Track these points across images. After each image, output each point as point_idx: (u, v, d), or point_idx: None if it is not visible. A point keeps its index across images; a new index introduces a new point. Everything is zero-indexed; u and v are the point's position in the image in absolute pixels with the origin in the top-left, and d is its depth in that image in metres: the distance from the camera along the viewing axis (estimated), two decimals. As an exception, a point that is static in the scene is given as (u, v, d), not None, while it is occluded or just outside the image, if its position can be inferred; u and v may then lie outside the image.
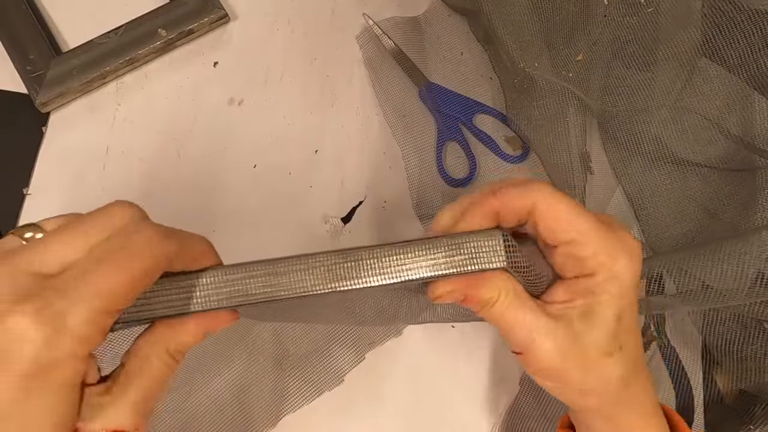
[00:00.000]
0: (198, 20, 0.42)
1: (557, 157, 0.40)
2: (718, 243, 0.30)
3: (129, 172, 0.40)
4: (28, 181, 0.39)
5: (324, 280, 0.23)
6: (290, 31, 0.45)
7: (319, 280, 0.24)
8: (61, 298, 0.17)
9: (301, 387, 0.37)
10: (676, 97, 0.38)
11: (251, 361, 0.37)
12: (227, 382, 0.36)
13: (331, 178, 0.42)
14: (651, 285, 0.39)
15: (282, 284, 0.23)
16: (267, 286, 0.23)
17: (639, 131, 0.40)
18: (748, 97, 0.36)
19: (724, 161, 0.38)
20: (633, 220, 0.42)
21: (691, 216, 0.39)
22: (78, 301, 0.17)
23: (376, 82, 0.44)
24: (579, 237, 0.21)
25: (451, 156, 0.43)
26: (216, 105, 0.42)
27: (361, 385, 0.37)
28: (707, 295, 0.31)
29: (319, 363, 0.38)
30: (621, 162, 0.42)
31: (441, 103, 0.43)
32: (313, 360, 0.38)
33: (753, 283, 0.29)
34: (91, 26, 0.41)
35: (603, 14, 0.39)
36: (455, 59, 0.45)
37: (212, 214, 0.40)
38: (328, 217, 0.41)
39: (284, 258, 0.24)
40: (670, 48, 0.37)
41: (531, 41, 0.40)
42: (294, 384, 0.37)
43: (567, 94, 0.40)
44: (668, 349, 0.39)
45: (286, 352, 0.38)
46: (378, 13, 0.45)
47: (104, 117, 0.41)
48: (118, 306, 0.18)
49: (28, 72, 0.40)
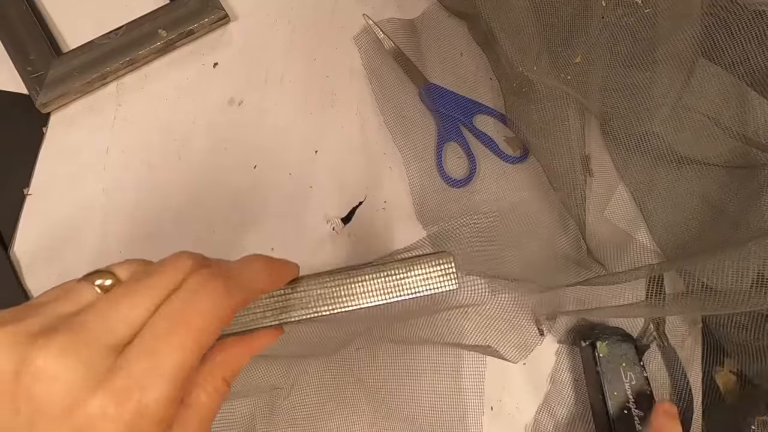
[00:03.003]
0: (198, 21, 0.42)
1: (557, 160, 0.40)
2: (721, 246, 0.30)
3: (129, 172, 0.40)
4: (29, 181, 0.39)
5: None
6: (290, 31, 0.45)
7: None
8: (137, 385, 0.17)
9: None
10: (676, 97, 0.38)
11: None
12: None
13: (331, 179, 0.42)
14: (651, 286, 0.39)
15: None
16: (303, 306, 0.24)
17: (640, 131, 0.41)
18: (745, 95, 0.36)
19: (727, 158, 0.38)
20: (639, 219, 0.42)
21: (695, 213, 0.39)
22: (154, 387, 0.17)
23: (375, 84, 0.44)
24: None
25: (451, 156, 0.43)
26: (216, 105, 0.42)
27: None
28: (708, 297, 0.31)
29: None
30: (623, 161, 0.43)
31: (441, 103, 0.43)
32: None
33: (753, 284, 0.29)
34: (91, 27, 0.41)
35: (601, 16, 0.39)
36: (455, 60, 0.45)
37: (212, 214, 0.40)
38: (328, 217, 0.41)
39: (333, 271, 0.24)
40: (669, 48, 0.37)
41: (529, 44, 0.40)
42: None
43: (566, 97, 0.40)
44: (668, 350, 0.39)
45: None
46: (378, 14, 0.45)
47: (104, 117, 0.41)
48: (189, 374, 0.18)
49: (29, 72, 0.40)
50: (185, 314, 0.18)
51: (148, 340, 0.18)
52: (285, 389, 0.37)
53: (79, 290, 0.19)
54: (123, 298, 0.18)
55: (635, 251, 0.41)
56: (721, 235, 0.37)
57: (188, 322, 0.18)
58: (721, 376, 0.39)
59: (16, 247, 0.38)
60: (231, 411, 0.36)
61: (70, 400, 0.16)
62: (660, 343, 0.39)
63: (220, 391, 0.21)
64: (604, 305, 0.39)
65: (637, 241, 0.42)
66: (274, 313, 0.23)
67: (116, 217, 0.39)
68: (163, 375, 0.17)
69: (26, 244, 0.38)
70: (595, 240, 0.40)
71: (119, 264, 0.21)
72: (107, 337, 0.17)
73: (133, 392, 0.17)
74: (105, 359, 0.17)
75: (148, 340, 0.18)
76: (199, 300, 0.19)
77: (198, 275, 0.19)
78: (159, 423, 0.17)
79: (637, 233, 0.42)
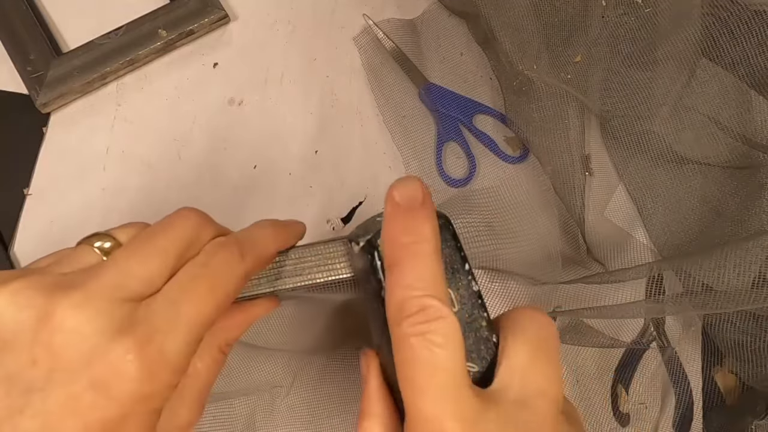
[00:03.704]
0: (198, 21, 0.42)
1: (557, 159, 0.41)
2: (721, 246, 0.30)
3: (129, 172, 0.40)
4: (29, 182, 0.39)
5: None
6: (290, 31, 0.45)
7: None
8: (159, 331, 0.17)
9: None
10: (677, 96, 0.38)
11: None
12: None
13: (331, 179, 0.42)
14: (650, 286, 0.39)
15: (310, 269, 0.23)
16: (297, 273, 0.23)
17: (640, 130, 0.41)
18: (745, 95, 0.36)
19: (727, 158, 0.38)
20: (637, 219, 0.42)
21: (694, 213, 0.39)
22: (174, 334, 0.17)
23: (375, 84, 0.44)
24: None
25: (450, 156, 0.43)
26: (216, 105, 0.42)
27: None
28: (708, 296, 0.31)
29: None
30: (623, 161, 0.43)
31: (440, 103, 0.43)
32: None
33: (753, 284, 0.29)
34: (91, 27, 0.41)
35: (601, 15, 0.39)
36: (455, 60, 0.45)
37: (212, 214, 0.40)
38: (328, 217, 0.41)
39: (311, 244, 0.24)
40: (670, 48, 0.37)
41: (529, 43, 0.40)
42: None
43: (566, 96, 0.40)
44: (668, 350, 0.39)
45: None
46: (378, 14, 0.45)
47: (104, 117, 0.41)
48: (204, 332, 0.19)
49: (29, 72, 0.40)
50: (205, 274, 0.19)
51: (172, 293, 0.18)
52: (285, 388, 0.37)
53: (79, 253, 0.19)
54: (131, 255, 0.19)
55: (635, 250, 0.41)
56: (720, 235, 0.37)
57: (207, 282, 0.19)
58: (720, 375, 0.39)
59: (16, 247, 0.38)
60: (231, 410, 0.36)
61: (89, 351, 0.16)
62: (660, 343, 0.39)
63: (217, 360, 0.22)
64: (604, 305, 0.39)
65: (637, 240, 0.42)
66: (269, 280, 0.23)
67: (116, 217, 0.39)
68: (184, 324, 0.18)
69: (26, 244, 0.38)
70: (594, 239, 0.40)
71: (118, 227, 0.21)
72: (122, 292, 0.17)
73: (154, 338, 0.17)
74: (122, 311, 0.17)
75: (172, 293, 0.18)
76: (216, 263, 0.19)
77: (214, 242, 0.20)
78: (174, 372, 0.17)
79: (637, 233, 0.42)
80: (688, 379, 0.38)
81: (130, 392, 0.16)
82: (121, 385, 0.16)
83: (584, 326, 0.39)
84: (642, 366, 0.39)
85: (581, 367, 0.40)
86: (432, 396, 0.17)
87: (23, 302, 0.17)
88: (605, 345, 0.39)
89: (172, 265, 0.19)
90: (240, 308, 0.23)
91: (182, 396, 0.20)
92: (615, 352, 0.40)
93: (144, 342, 0.17)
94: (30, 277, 0.17)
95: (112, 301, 0.17)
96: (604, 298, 0.39)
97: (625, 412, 0.39)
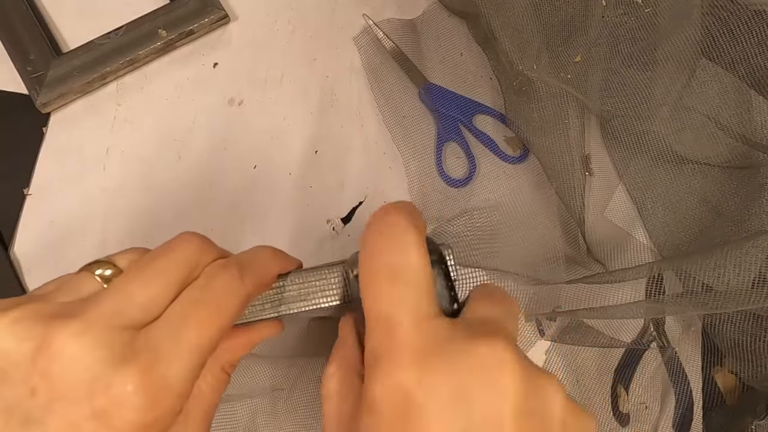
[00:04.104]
0: (198, 21, 0.42)
1: (556, 159, 0.41)
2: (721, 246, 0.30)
3: (129, 172, 0.40)
4: (29, 182, 0.39)
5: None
6: (290, 31, 0.45)
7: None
8: (161, 358, 0.17)
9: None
10: (677, 96, 0.38)
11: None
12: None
13: (331, 179, 0.42)
14: (651, 286, 0.39)
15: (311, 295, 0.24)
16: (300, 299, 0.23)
17: (640, 130, 0.41)
18: (745, 95, 0.36)
19: (727, 159, 0.38)
20: (637, 219, 0.42)
21: (694, 213, 0.39)
22: (177, 360, 0.17)
23: (375, 84, 0.44)
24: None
25: (450, 156, 0.43)
26: (216, 105, 0.42)
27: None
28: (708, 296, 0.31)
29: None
30: (623, 161, 0.43)
31: (440, 103, 0.43)
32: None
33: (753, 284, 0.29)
34: (91, 27, 0.41)
35: (601, 15, 0.39)
36: (455, 60, 0.45)
37: (212, 214, 0.40)
38: (328, 217, 0.41)
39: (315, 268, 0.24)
40: (670, 48, 0.37)
41: (529, 43, 0.40)
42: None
43: (566, 96, 0.40)
44: (668, 350, 0.39)
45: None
46: (378, 14, 0.45)
47: (104, 117, 0.41)
48: (207, 356, 0.19)
49: (29, 72, 0.40)
50: (206, 297, 0.19)
51: (173, 318, 0.18)
52: (286, 390, 0.37)
53: (80, 280, 0.19)
54: (131, 281, 0.19)
55: (635, 250, 0.41)
56: (720, 235, 0.37)
57: (209, 305, 0.19)
58: (720, 375, 0.39)
59: (16, 247, 0.38)
60: (232, 413, 0.36)
61: (90, 380, 0.16)
62: (660, 343, 0.39)
63: (221, 380, 0.22)
64: (604, 305, 0.39)
65: (637, 240, 0.42)
66: (273, 305, 0.23)
67: (116, 217, 0.39)
68: (187, 349, 0.18)
69: (26, 244, 0.38)
70: (594, 239, 0.40)
71: (118, 254, 0.21)
72: (121, 319, 0.17)
73: (155, 366, 0.17)
74: (122, 338, 0.17)
75: (173, 318, 0.18)
76: (217, 285, 0.19)
77: (214, 264, 0.20)
78: (177, 398, 0.17)
79: (637, 233, 0.42)
80: (688, 379, 0.38)
81: (132, 422, 0.16)
82: (123, 414, 0.16)
83: (584, 326, 0.39)
84: (642, 366, 0.39)
85: (581, 367, 0.40)
86: (388, 296, 0.18)
87: (22, 332, 0.16)
88: (605, 345, 0.39)
89: (174, 290, 0.19)
90: (243, 330, 0.23)
91: (187, 418, 0.20)
92: (615, 352, 0.40)
93: (146, 370, 0.17)
94: (29, 305, 0.17)
95: (112, 329, 0.17)
96: (604, 298, 0.39)
97: (625, 412, 0.39)
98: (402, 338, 0.17)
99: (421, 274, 0.18)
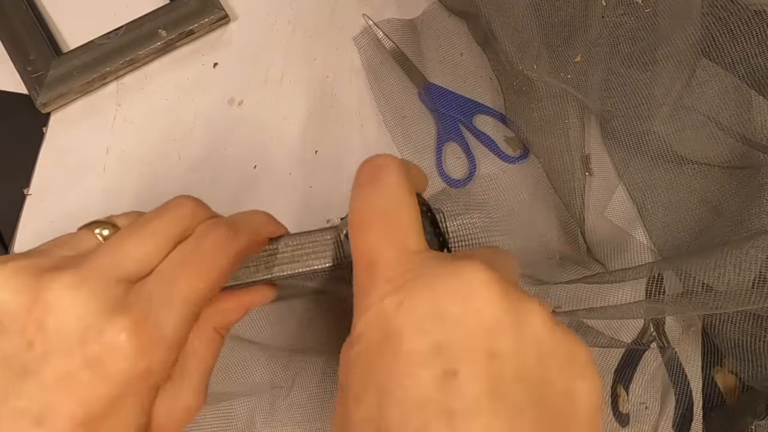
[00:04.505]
0: (198, 21, 0.42)
1: (557, 158, 0.41)
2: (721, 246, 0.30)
3: (129, 172, 0.40)
4: (29, 182, 0.39)
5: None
6: (290, 31, 0.45)
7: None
8: (153, 308, 0.17)
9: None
10: (677, 96, 0.38)
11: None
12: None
13: (331, 179, 0.42)
14: (651, 286, 0.39)
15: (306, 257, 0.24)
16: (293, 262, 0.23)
17: (640, 130, 0.41)
18: (745, 95, 0.36)
19: (727, 159, 0.38)
20: (637, 219, 0.42)
21: (694, 213, 0.39)
22: (169, 310, 0.18)
23: (374, 84, 0.44)
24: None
25: (450, 156, 0.43)
26: (216, 105, 0.42)
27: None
28: (708, 296, 0.31)
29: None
30: (623, 161, 0.43)
31: (440, 103, 0.43)
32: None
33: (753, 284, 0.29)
34: (91, 26, 0.41)
35: (601, 15, 0.39)
36: (455, 60, 0.45)
37: (212, 214, 0.40)
38: (328, 217, 0.41)
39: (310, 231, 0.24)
40: (670, 48, 0.37)
41: (529, 43, 0.40)
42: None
43: (566, 96, 0.40)
44: (668, 350, 0.39)
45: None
46: (378, 14, 0.45)
47: (104, 117, 0.41)
48: (200, 309, 0.19)
49: (29, 72, 0.40)
50: (197, 251, 0.19)
51: (166, 272, 0.18)
52: (285, 388, 0.37)
53: (80, 238, 0.20)
54: (128, 238, 0.19)
55: (635, 250, 0.41)
56: (720, 235, 0.37)
57: (199, 259, 0.19)
58: (720, 375, 0.39)
59: (16, 247, 0.38)
60: (231, 411, 0.36)
61: (83, 330, 0.16)
62: (660, 344, 0.39)
63: (215, 340, 0.22)
64: (603, 305, 0.39)
65: (637, 240, 0.42)
66: (266, 267, 0.23)
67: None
68: (178, 300, 0.18)
69: (26, 244, 0.38)
70: (594, 239, 0.40)
71: (118, 215, 0.21)
72: (115, 271, 0.18)
73: (148, 316, 0.17)
74: (116, 290, 0.17)
75: (166, 272, 0.18)
76: (208, 241, 0.20)
77: (206, 221, 0.21)
78: (170, 348, 0.18)
79: (637, 233, 0.42)
80: (688, 379, 0.38)
81: (125, 369, 0.16)
82: (116, 362, 0.16)
83: (584, 326, 0.39)
84: (642, 366, 0.39)
85: (581, 367, 0.40)
86: (374, 235, 0.18)
87: (18, 284, 0.17)
88: (605, 345, 0.39)
89: (168, 247, 0.19)
90: (236, 293, 0.23)
91: (183, 378, 0.20)
92: (615, 353, 0.40)
93: (139, 319, 0.17)
94: (26, 259, 0.18)
95: (106, 281, 0.17)
96: (604, 298, 0.39)
97: (625, 413, 0.39)
98: (384, 268, 0.17)
99: (405, 212, 0.19)
